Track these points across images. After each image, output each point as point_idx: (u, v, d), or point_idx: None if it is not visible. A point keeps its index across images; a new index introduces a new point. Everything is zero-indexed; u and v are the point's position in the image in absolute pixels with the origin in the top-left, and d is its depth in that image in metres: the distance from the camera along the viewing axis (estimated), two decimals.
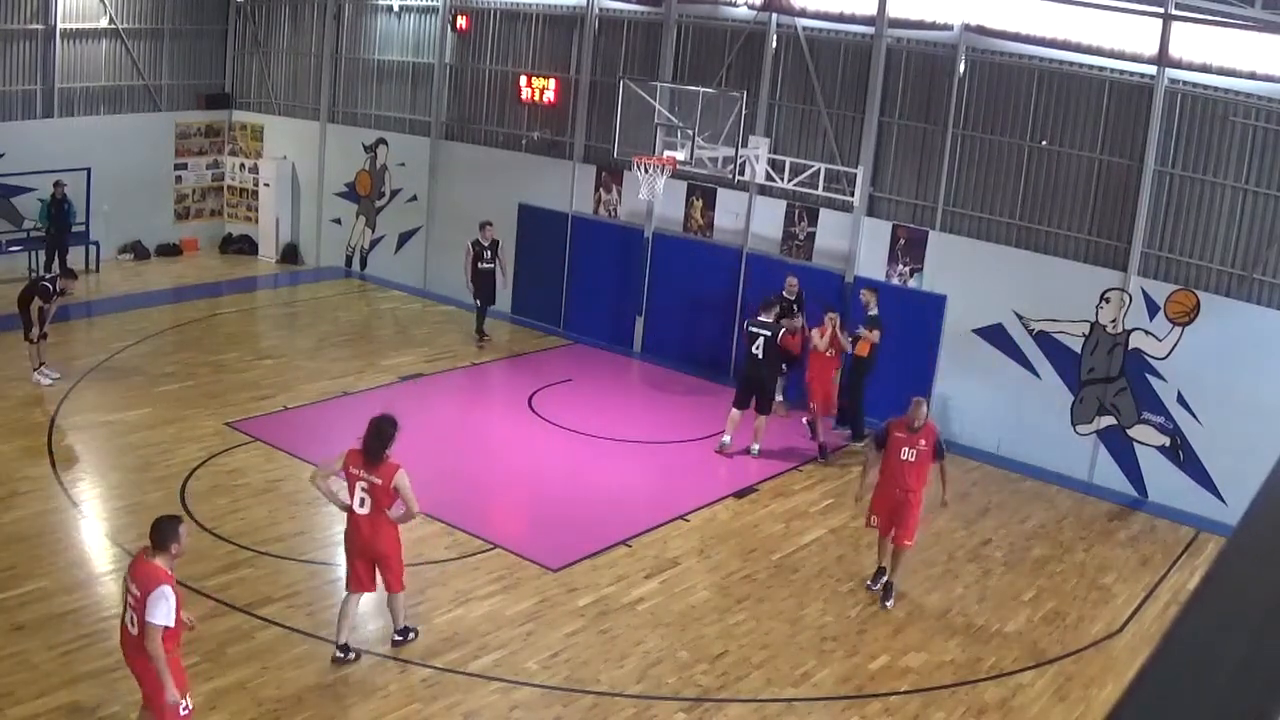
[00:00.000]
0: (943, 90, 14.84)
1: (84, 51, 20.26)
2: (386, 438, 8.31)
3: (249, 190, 22.77)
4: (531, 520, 12.33)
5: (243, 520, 10.88)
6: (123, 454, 12.42)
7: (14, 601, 8.98)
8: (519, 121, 19.12)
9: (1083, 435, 14.16)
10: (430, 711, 8.13)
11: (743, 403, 13.70)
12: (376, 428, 8.35)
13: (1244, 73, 12.68)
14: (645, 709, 8.44)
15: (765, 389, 13.72)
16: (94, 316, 17.78)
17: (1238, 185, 12.93)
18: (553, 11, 18.52)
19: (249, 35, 22.53)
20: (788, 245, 16.37)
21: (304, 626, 9.07)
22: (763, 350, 13.48)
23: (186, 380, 14.92)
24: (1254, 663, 1.08)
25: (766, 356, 13.52)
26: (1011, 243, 14.61)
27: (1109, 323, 13.83)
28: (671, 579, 10.57)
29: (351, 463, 8.39)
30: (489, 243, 17.28)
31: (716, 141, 14.69)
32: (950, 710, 8.79)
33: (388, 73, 20.85)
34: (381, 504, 8.32)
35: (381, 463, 8.29)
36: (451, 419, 14.76)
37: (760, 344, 13.50)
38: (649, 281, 17.82)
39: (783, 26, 16.13)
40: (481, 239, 17.27)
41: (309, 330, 18.15)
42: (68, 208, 19.11)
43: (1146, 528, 12.93)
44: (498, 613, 9.62)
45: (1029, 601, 10.77)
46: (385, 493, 8.30)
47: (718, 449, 13.76)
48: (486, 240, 17.26)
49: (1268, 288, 12.84)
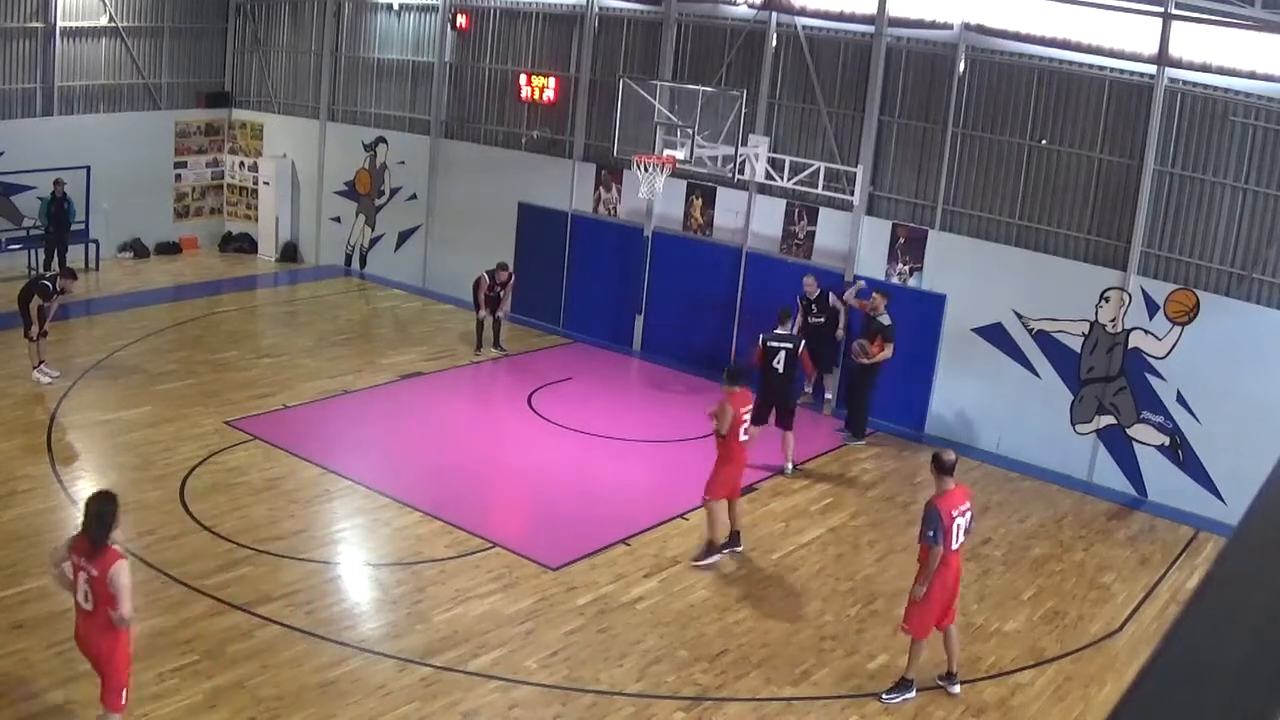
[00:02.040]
0: (943, 89, 14.84)
1: (84, 50, 20.25)
2: (108, 520, 6.83)
3: (249, 189, 22.77)
4: (531, 519, 12.33)
5: (242, 518, 10.88)
6: (122, 452, 12.42)
7: (13, 600, 8.99)
8: (519, 120, 19.11)
9: (1082, 435, 14.16)
10: (429, 710, 8.13)
11: (762, 418, 13.00)
12: (96, 509, 6.87)
13: (1244, 72, 12.68)
14: (644, 708, 8.45)
15: (787, 404, 13.24)
16: (94, 315, 17.77)
17: (1237, 185, 12.93)
18: (552, 10, 18.51)
19: (249, 34, 22.52)
20: (787, 244, 16.37)
21: (303, 625, 9.07)
22: (784, 365, 13.07)
23: (186, 379, 14.92)
24: (1254, 663, 1.08)
25: (787, 371, 13.15)
26: (1011, 242, 14.60)
27: (1109, 322, 13.82)
28: (671, 578, 10.57)
29: (76, 549, 6.89)
30: (503, 281, 16.83)
31: (716, 140, 14.68)
32: (950, 709, 8.80)
33: (387, 71, 20.84)
34: (102, 600, 6.77)
35: (101, 551, 6.77)
36: (451, 418, 14.76)
37: (781, 358, 13.04)
38: (649, 280, 17.82)
39: (782, 25, 16.13)
40: (497, 278, 16.80)
41: (308, 329, 18.15)
42: (67, 206, 19.12)
43: (1146, 527, 12.93)
44: (497, 611, 9.62)
45: (1028, 601, 10.78)
46: (103, 586, 6.72)
47: None
48: (501, 280, 16.80)
49: (1267, 287, 12.84)
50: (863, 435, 14.66)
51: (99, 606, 6.78)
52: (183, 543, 10.29)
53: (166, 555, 9.98)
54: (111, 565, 6.70)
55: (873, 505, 12.78)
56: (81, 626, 6.92)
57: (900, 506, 12.81)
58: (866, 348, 14.18)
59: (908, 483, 13.60)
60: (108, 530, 6.80)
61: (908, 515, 12.51)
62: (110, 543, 6.79)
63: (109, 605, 6.72)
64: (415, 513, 11.42)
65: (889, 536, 11.96)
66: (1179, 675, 1.08)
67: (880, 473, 13.81)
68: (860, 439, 14.60)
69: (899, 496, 13.12)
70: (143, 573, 9.67)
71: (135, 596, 9.17)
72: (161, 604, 9.15)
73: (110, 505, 6.87)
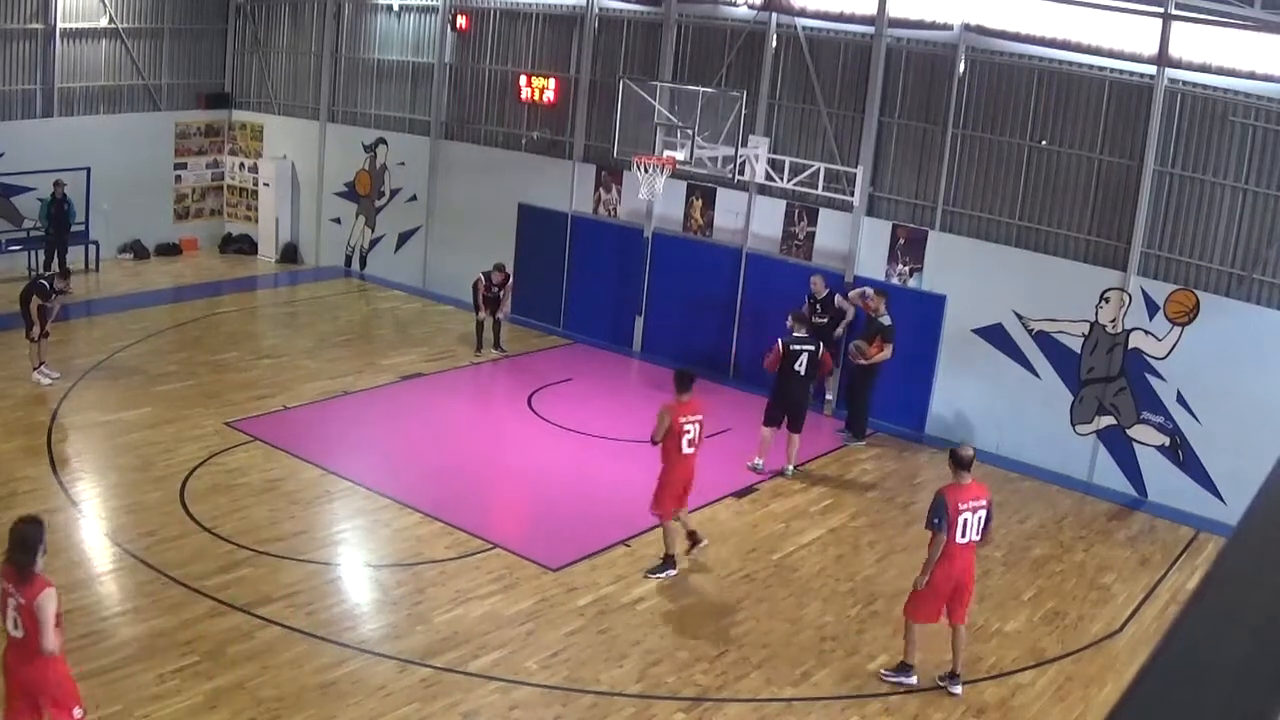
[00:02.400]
0: (943, 90, 14.84)
1: (84, 51, 20.26)
2: (32, 545, 6.62)
3: (249, 190, 22.77)
4: (531, 520, 12.33)
5: (242, 520, 10.88)
6: (122, 453, 12.42)
7: None
8: (519, 121, 19.11)
9: (1082, 435, 14.16)
10: (429, 711, 8.13)
11: (776, 420, 13.15)
12: (20, 535, 6.65)
13: (1244, 73, 12.68)
14: (645, 708, 8.45)
15: (803, 406, 13.22)
16: (94, 316, 17.77)
17: (1237, 185, 12.93)
18: (552, 11, 18.52)
19: (249, 35, 22.53)
20: (787, 245, 16.37)
21: (303, 626, 9.06)
22: (805, 367, 12.98)
23: (186, 380, 14.92)
24: (1254, 663, 1.08)
25: (809, 373, 13.07)
26: (1011, 242, 14.61)
27: (1109, 322, 13.83)
28: (671, 578, 10.56)
29: (4, 576, 6.70)
30: (499, 283, 16.84)
31: (716, 141, 14.68)
32: (950, 710, 8.80)
33: (387, 72, 20.85)
34: (31, 629, 6.59)
35: (29, 578, 6.58)
36: (451, 419, 14.77)
37: (804, 361, 12.95)
38: (649, 281, 17.82)
39: (782, 26, 16.13)
40: (493, 279, 16.81)
41: (309, 330, 18.15)
42: (68, 207, 19.12)
43: (1146, 528, 12.93)
44: (497, 612, 9.62)
45: (1029, 601, 10.78)
46: (30, 614, 6.55)
47: (750, 467, 13.24)
48: (497, 281, 16.81)
49: (1267, 288, 12.84)
50: (863, 436, 14.65)
51: (29, 635, 6.56)
52: (183, 544, 10.29)
53: (167, 556, 9.98)
54: (39, 593, 6.49)
55: (873, 506, 12.78)
56: (11, 656, 6.68)
57: (900, 507, 12.81)
58: (864, 349, 14.18)
59: (908, 483, 13.61)
60: (33, 556, 6.55)
61: (908, 516, 12.52)
62: (37, 569, 6.56)
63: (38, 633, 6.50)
64: (415, 514, 11.42)
65: (889, 537, 11.96)
66: (1179, 675, 1.08)
67: (880, 473, 13.81)
68: (860, 440, 14.60)
69: (899, 497, 13.12)
70: (143, 574, 9.69)
71: (136, 597, 9.26)
72: (162, 605, 9.15)
73: (36, 530, 6.65)
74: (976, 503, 8.77)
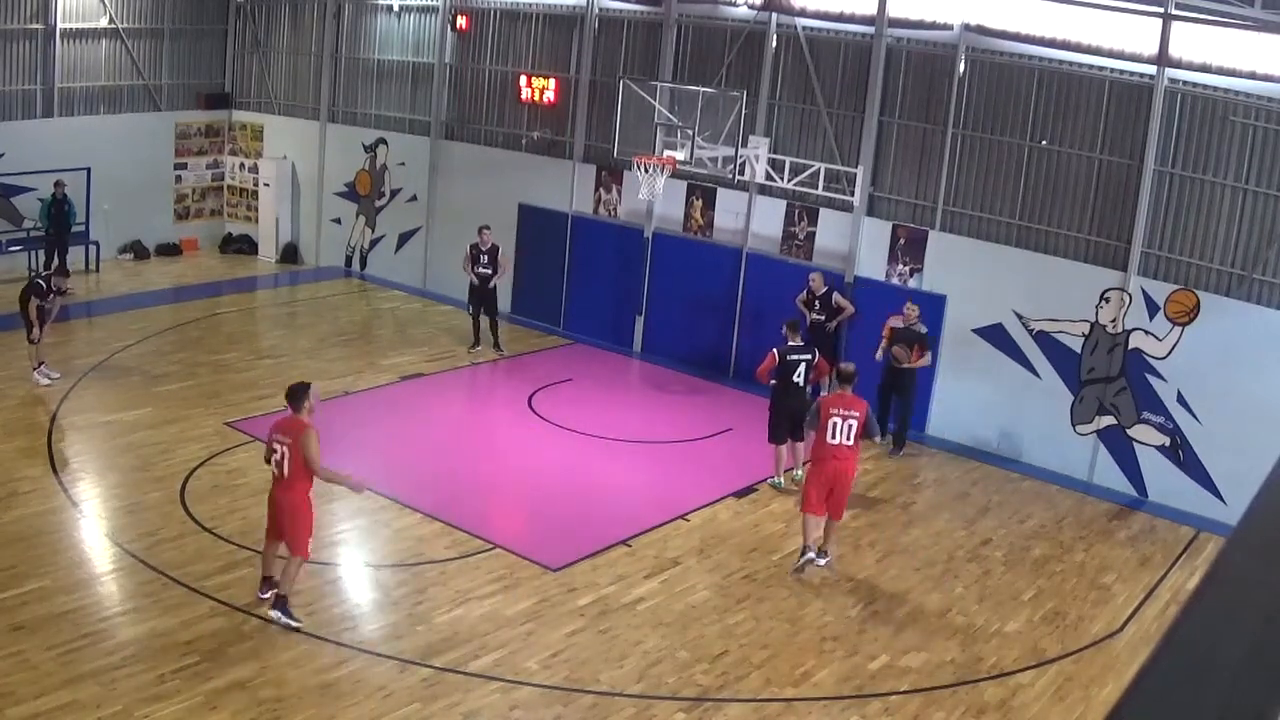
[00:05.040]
0: (943, 90, 14.84)
1: (84, 51, 20.25)
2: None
3: (249, 190, 22.76)
4: (531, 520, 12.32)
5: (243, 520, 10.87)
6: (122, 454, 12.42)
7: (13, 601, 8.98)
8: (519, 121, 19.11)
9: (1083, 435, 14.16)
10: (430, 711, 8.13)
11: (783, 437, 12.85)
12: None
13: (1244, 73, 12.68)
14: (645, 709, 8.45)
15: (802, 414, 12.71)
16: (94, 316, 17.78)
17: (1238, 185, 12.93)
18: (553, 11, 18.52)
19: (249, 35, 22.53)
20: (788, 245, 16.37)
21: (304, 626, 9.06)
22: (803, 377, 12.82)
23: (186, 380, 14.92)
24: (1254, 662, 1.08)
25: (805, 382, 12.92)
26: (1011, 242, 14.61)
27: (1109, 322, 13.82)
28: (671, 579, 10.57)
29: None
30: (487, 248, 16.81)
31: (716, 141, 14.68)
32: (950, 710, 8.80)
33: (388, 72, 20.85)
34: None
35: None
36: (451, 419, 14.77)
37: (801, 371, 12.79)
38: (649, 281, 17.82)
39: (782, 26, 16.13)
40: (480, 243, 16.88)
41: (309, 330, 18.15)
42: (68, 208, 19.11)
43: (1146, 528, 12.93)
44: (497, 612, 9.62)
45: (1029, 601, 10.77)
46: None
47: (772, 485, 12.91)
48: (485, 245, 16.82)
49: (1268, 288, 12.84)
50: (902, 446, 14.43)
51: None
52: (183, 544, 10.29)
53: (167, 557, 9.98)
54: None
55: (873, 505, 12.78)
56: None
57: (900, 507, 12.82)
58: (906, 354, 14.03)
59: (908, 483, 13.61)
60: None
61: (908, 516, 12.54)
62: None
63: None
64: (416, 514, 11.42)
65: (889, 537, 11.96)
66: (1179, 675, 1.08)
67: (880, 473, 13.80)
68: (900, 450, 14.35)
69: (899, 497, 13.13)
70: (143, 574, 9.69)
71: (136, 598, 9.27)
72: (162, 605, 9.15)
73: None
74: (848, 411, 10.32)
